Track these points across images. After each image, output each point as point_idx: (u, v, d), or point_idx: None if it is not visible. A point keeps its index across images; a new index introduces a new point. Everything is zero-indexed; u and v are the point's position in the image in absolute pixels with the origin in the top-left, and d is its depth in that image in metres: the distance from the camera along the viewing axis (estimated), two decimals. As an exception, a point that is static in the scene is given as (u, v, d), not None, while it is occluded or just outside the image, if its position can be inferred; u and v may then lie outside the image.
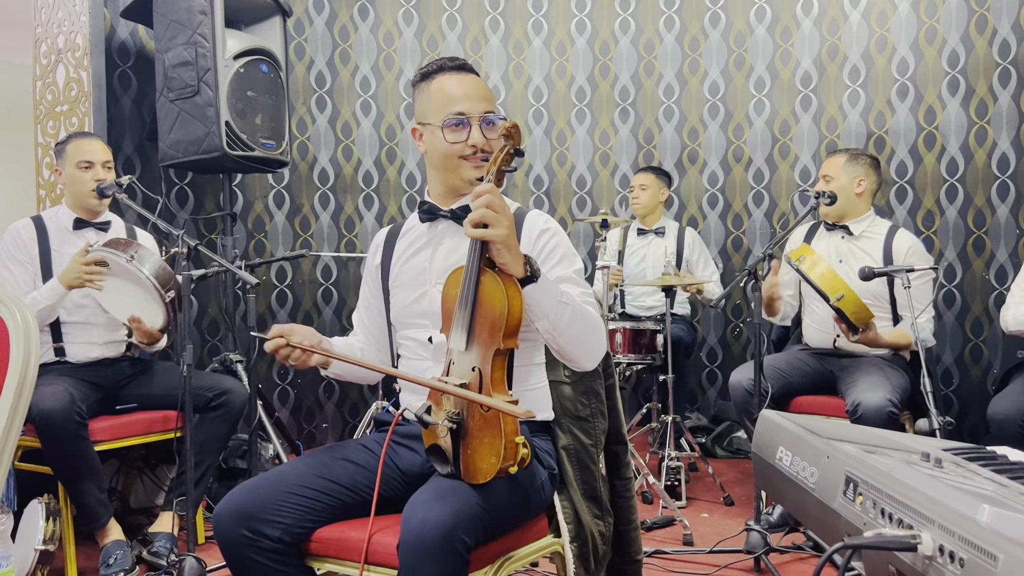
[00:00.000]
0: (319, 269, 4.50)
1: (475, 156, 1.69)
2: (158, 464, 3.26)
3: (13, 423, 1.15)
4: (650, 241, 4.06)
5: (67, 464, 2.60)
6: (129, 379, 2.90)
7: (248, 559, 1.59)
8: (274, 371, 4.35)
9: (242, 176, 4.11)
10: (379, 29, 4.52)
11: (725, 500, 3.39)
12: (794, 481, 1.19)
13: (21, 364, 1.14)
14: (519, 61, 4.57)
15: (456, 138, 1.69)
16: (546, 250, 1.72)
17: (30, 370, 1.15)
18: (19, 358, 1.15)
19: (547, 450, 1.77)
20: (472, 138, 1.69)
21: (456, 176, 1.72)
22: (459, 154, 1.70)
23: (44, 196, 3.63)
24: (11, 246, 2.81)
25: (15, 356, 1.15)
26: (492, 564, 1.60)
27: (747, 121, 4.49)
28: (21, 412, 1.16)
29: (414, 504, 1.48)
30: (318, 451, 1.77)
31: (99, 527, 2.69)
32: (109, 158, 2.89)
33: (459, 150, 1.70)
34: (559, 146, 4.59)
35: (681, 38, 4.54)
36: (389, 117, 4.56)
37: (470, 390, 1.54)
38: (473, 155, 1.69)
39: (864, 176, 3.13)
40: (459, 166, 1.71)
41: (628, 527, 1.97)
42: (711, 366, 4.56)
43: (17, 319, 1.17)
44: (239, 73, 3.41)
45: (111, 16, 3.70)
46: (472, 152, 1.69)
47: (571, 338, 1.61)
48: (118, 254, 2.54)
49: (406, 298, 1.82)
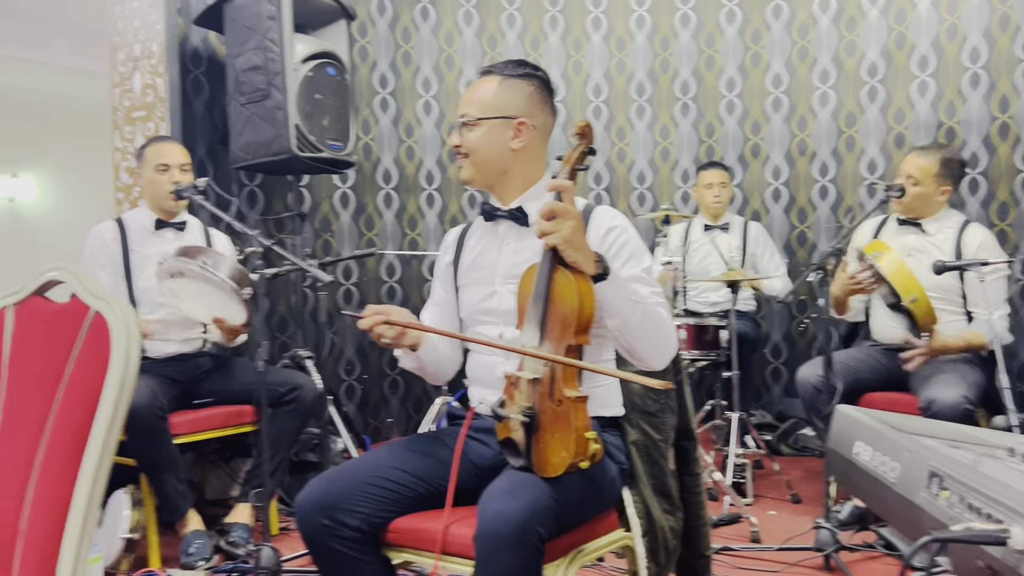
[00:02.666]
0: (383, 267, 4.58)
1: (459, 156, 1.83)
2: (232, 457, 3.36)
3: (116, 416, 1.21)
4: (714, 236, 4.03)
5: (149, 456, 2.70)
6: (206, 374, 3.00)
7: (328, 547, 1.64)
8: (341, 367, 4.44)
9: (309, 177, 4.21)
10: (440, 30, 4.57)
11: (792, 498, 3.35)
12: (874, 476, 1.19)
13: (123, 360, 1.21)
14: (578, 58, 4.58)
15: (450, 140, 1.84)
16: (614, 248, 1.73)
17: (131, 366, 1.21)
18: (121, 354, 1.21)
19: (617, 445, 1.79)
20: (451, 139, 1.83)
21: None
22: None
23: (122, 199, 3.78)
24: (96, 247, 2.93)
25: (116, 352, 1.22)
26: (565, 556, 1.63)
27: (811, 114, 4.42)
28: (123, 406, 1.22)
29: (489, 496, 1.51)
30: (393, 443, 1.82)
31: (179, 517, 2.80)
32: (186, 161, 2.99)
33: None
34: (618, 142, 4.58)
35: (743, 31, 4.49)
36: (451, 117, 4.60)
37: (542, 385, 1.56)
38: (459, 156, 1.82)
39: (951, 186, 3.03)
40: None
41: (697, 522, 1.98)
42: (775, 362, 4.50)
43: (119, 316, 1.23)
44: (307, 76, 3.49)
45: (184, 24, 3.82)
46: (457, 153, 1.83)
47: (641, 336, 1.62)
48: (190, 262, 2.59)
49: (475, 296, 1.85)
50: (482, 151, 1.78)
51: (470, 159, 1.80)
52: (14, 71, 7.56)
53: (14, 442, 1.30)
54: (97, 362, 1.21)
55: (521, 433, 1.57)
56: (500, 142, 1.77)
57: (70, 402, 1.24)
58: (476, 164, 1.80)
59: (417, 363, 1.85)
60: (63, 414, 1.25)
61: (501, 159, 1.79)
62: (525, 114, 1.77)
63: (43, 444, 1.26)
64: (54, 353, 1.28)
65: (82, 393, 1.22)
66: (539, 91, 1.80)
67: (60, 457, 1.22)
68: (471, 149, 1.78)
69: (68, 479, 1.20)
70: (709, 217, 4.10)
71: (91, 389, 1.21)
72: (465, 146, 1.79)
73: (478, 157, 1.79)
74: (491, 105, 1.77)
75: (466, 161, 1.80)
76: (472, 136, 1.78)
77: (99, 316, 1.24)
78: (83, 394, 1.22)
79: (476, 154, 1.79)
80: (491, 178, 1.82)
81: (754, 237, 4.05)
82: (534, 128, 1.78)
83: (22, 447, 1.28)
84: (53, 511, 1.22)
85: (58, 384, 1.26)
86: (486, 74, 1.82)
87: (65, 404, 1.25)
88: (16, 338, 1.38)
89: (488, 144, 1.78)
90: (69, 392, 1.25)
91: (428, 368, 1.89)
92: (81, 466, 1.18)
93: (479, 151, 1.78)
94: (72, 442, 1.21)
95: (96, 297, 1.26)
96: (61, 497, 1.21)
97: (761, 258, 4.03)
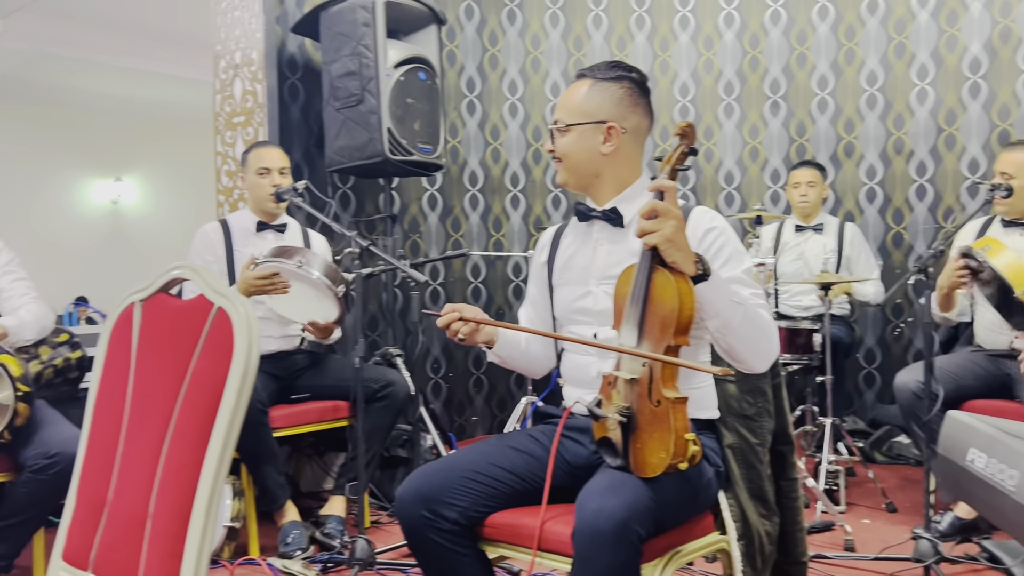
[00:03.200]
0: (469, 268, 4.65)
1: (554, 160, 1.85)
2: (326, 451, 3.47)
3: (238, 407, 1.28)
4: (807, 238, 3.94)
5: (250, 449, 2.81)
6: (303, 371, 3.11)
7: (428, 539, 1.68)
8: (428, 365, 4.53)
9: (399, 180, 4.30)
10: (526, 32, 4.61)
11: (887, 506, 3.26)
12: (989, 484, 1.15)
13: (245, 355, 1.27)
14: (665, 58, 4.55)
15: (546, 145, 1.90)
16: (712, 249, 1.71)
17: (252, 359, 1.27)
18: (243, 348, 1.28)
19: (713, 448, 1.78)
20: (546, 144, 1.86)
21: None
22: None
23: (223, 201, 3.94)
24: (201, 247, 3.06)
25: (239, 347, 1.28)
26: (661, 557, 1.63)
27: (908, 111, 4.29)
28: (244, 398, 1.28)
29: (587, 494, 1.52)
30: (490, 440, 1.85)
31: (277, 508, 2.90)
32: (285, 165, 3.10)
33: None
34: (706, 141, 4.53)
35: (836, 27, 4.38)
36: (536, 119, 4.64)
37: (640, 386, 1.57)
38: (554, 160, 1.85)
39: None
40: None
41: (794, 528, 1.95)
42: (869, 368, 4.38)
43: (240, 313, 1.30)
44: (399, 81, 3.58)
45: (282, 31, 3.96)
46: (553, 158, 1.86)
47: (742, 338, 1.61)
48: (286, 262, 2.69)
49: (569, 296, 1.87)
50: (573, 156, 1.81)
51: (563, 163, 1.83)
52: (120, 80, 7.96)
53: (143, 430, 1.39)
54: (221, 355, 1.28)
55: (618, 433, 1.58)
56: (590, 147, 1.79)
57: (195, 393, 1.31)
58: (569, 168, 1.83)
59: (498, 358, 1.92)
60: (188, 404, 1.32)
61: (592, 163, 1.80)
62: (615, 118, 1.78)
63: (170, 432, 1.33)
64: (180, 347, 1.35)
65: (207, 385, 1.29)
66: (631, 94, 1.80)
67: (186, 445, 1.30)
68: (563, 154, 1.82)
69: (194, 466, 1.27)
70: (800, 217, 4.01)
71: (215, 381, 1.27)
72: (558, 151, 1.83)
73: (570, 162, 1.82)
74: (580, 110, 1.79)
75: (560, 165, 1.84)
76: (564, 141, 1.81)
77: (222, 312, 1.31)
78: (208, 386, 1.29)
79: (568, 159, 1.82)
80: (584, 181, 1.84)
81: (849, 239, 3.94)
82: (624, 132, 1.79)
83: (150, 435, 1.37)
84: (179, 496, 1.29)
85: (184, 376, 1.34)
86: (580, 78, 1.84)
87: (190, 395, 1.32)
88: (143, 332, 1.47)
89: (579, 149, 1.80)
90: (194, 384, 1.32)
91: (513, 363, 1.95)
92: (207, 453, 1.25)
93: (570, 156, 1.81)
94: (197, 431, 1.28)
95: (219, 294, 1.33)
96: (187, 483, 1.28)
97: (856, 262, 3.92)
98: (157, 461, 1.33)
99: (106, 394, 1.48)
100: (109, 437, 1.46)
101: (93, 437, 1.49)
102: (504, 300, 4.68)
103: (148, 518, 1.33)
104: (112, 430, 1.45)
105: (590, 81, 1.81)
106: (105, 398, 1.48)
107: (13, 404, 2.15)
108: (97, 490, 1.43)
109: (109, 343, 1.51)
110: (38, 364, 2.58)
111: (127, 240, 9.31)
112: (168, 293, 1.50)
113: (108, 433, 1.46)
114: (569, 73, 4.63)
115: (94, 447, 1.48)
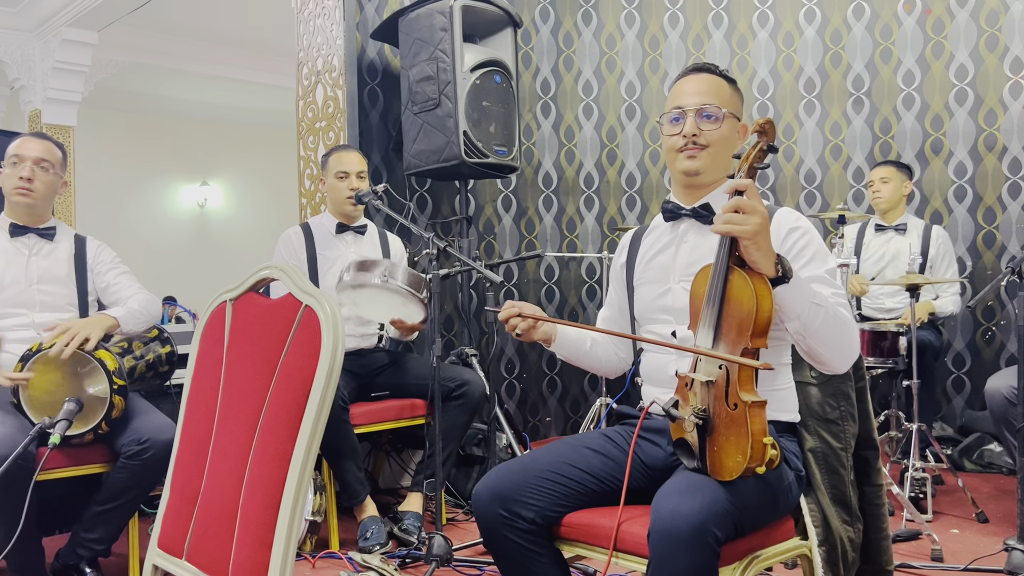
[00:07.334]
0: (542, 269, 4.66)
1: (688, 147, 1.73)
2: (404, 448, 3.53)
3: (324, 402, 1.32)
4: (890, 239, 3.82)
5: (332, 445, 2.89)
6: (382, 369, 3.17)
7: (504, 537, 1.70)
8: (502, 365, 4.56)
9: (474, 181, 4.35)
10: (601, 33, 4.60)
11: (978, 516, 3.13)
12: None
13: (331, 351, 1.31)
14: (743, 55, 4.48)
15: (672, 131, 1.76)
16: (796, 248, 1.69)
17: (337, 356, 1.31)
18: (329, 345, 1.32)
19: (794, 451, 1.75)
20: (686, 128, 1.72)
21: (672, 168, 1.80)
22: (675, 147, 1.75)
23: (305, 204, 4.05)
24: (285, 250, 3.16)
25: (326, 344, 1.33)
26: (740, 561, 1.61)
27: (1001, 106, 4.11)
28: (330, 393, 1.33)
29: (664, 495, 1.51)
30: (566, 440, 1.86)
31: (357, 503, 2.97)
32: (363, 168, 3.18)
33: (673, 143, 1.75)
34: (786, 140, 4.44)
35: (923, 21, 4.24)
36: (610, 119, 4.63)
37: (716, 388, 1.56)
38: (685, 146, 1.73)
39: None
40: (675, 159, 1.77)
41: (879, 535, 1.90)
42: (958, 372, 4.22)
43: (327, 311, 1.34)
44: (475, 84, 3.62)
45: (361, 38, 4.05)
46: (684, 143, 1.73)
47: (822, 340, 1.58)
48: (371, 276, 2.74)
49: (650, 293, 1.86)
50: (720, 145, 1.74)
51: (708, 151, 1.73)
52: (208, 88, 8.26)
53: (234, 423, 1.45)
54: (308, 352, 1.32)
55: (695, 435, 1.57)
56: (733, 141, 1.75)
57: (284, 388, 1.36)
58: (713, 155, 1.74)
59: (563, 355, 1.94)
60: (277, 399, 1.37)
61: (727, 157, 1.75)
62: (743, 119, 1.78)
63: (260, 426, 1.39)
64: (270, 343, 1.41)
65: (295, 380, 1.34)
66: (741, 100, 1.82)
67: (275, 438, 1.35)
68: (711, 141, 1.72)
69: (283, 458, 1.32)
70: (879, 215, 3.89)
71: (303, 376, 1.32)
72: (706, 137, 1.73)
73: (716, 150, 1.73)
74: (731, 102, 1.76)
75: (702, 152, 1.73)
76: (717, 129, 1.73)
77: (310, 310, 1.36)
78: (296, 381, 1.33)
79: (715, 146, 1.73)
80: (716, 174, 1.77)
81: (936, 241, 3.80)
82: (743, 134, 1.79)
83: (241, 428, 1.42)
84: (269, 487, 1.34)
85: (273, 372, 1.39)
86: (706, 71, 1.77)
87: (279, 390, 1.38)
88: (233, 329, 1.53)
89: (726, 139, 1.74)
90: (282, 379, 1.37)
91: (578, 362, 1.96)
92: (295, 446, 1.30)
93: (717, 144, 1.73)
94: (286, 424, 1.33)
95: (307, 293, 1.38)
96: (276, 475, 1.33)
97: (938, 268, 3.78)
98: (248, 454, 1.39)
99: (199, 389, 1.54)
100: (202, 431, 1.52)
101: (187, 430, 1.56)
102: (577, 301, 4.68)
103: (239, 509, 1.39)
104: (205, 424, 1.51)
105: (722, 79, 1.77)
106: (198, 393, 1.54)
107: (110, 397, 2.25)
108: (191, 481, 1.50)
109: (202, 340, 1.57)
110: (131, 359, 2.70)
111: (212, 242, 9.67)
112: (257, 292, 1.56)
113: (201, 427, 1.52)
114: (644, 73, 4.60)
115: (188, 440, 1.54)
